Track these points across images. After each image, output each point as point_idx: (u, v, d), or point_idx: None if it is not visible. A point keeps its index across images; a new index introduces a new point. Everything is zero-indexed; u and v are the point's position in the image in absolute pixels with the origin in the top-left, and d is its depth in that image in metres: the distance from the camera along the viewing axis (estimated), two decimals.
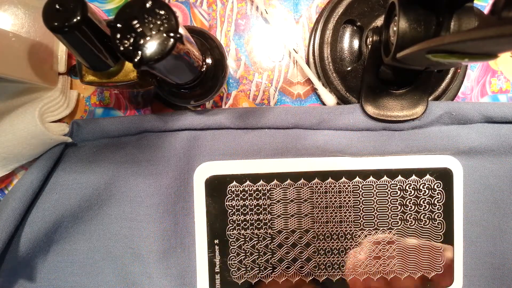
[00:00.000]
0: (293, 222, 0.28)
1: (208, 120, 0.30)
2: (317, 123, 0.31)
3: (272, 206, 0.28)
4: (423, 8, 0.22)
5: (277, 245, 0.28)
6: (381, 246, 0.29)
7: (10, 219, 0.28)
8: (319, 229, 0.28)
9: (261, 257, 0.29)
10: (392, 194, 0.29)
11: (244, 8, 0.33)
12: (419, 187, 0.29)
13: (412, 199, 0.29)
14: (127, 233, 0.32)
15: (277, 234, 0.28)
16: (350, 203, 0.29)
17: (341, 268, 0.29)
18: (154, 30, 0.19)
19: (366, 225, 0.29)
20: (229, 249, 0.29)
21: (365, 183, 0.29)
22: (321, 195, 0.29)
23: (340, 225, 0.28)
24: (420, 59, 0.22)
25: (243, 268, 0.29)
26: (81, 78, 0.27)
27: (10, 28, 0.28)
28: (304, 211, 0.28)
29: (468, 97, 0.33)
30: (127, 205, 0.32)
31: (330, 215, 0.28)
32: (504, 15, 0.16)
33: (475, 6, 0.21)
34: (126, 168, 0.32)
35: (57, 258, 0.31)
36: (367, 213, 0.29)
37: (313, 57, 0.32)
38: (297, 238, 0.28)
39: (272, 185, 0.28)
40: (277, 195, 0.28)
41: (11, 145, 0.29)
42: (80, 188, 0.31)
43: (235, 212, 0.29)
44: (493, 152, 0.31)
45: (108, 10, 0.33)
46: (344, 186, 0.29)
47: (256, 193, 0.28)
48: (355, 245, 0.29)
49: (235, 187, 0.28)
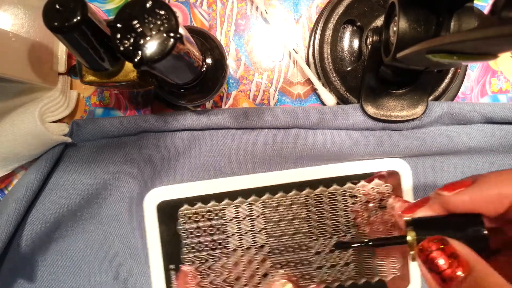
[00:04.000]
0: (248, 239, 0.28)
1: (208, 120, 0.30)
2: (317, 123, 0.31)
3: (225, 225, 0.28)
4: (423, 8, 0.22)
5: (233, 264, 0.28)
6: (337, 253, 0.29)
7: (10, 219, 0.28)
8: (274, 243, 0.28)
9: (218, 278, 0.29)
10: (343, 201, 0.29)
11: (244, 8, 0.33)
12: (368, 191, 0.29)
13: (363, 204, 0.29)
14: (125, 233, 0.32)
15: (233, 252, 0.28)
16: (302, 215, 0.29)
17: (299, 280, 0.29)
18: (154, 30, 0.19)
19: (320, 235, 0.29)
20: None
21: (315, 193, 0.29)
22: (273, 209, 0.29)
23: (294, 237, 0.28)
24: (420, 59, 0.22)
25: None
26: (81, 78, 0.27)
27: (10, 28, 0.28)
28: (257, 227, 0.28)
29: (468, 97, 0.33)
30: (126, 205, 0.32)
31: (284, 228, 0.28)
32: (504, 15, 0.16)
33: (475, 6, 0.21)
34: (125, 168, 0.32)
35: (56, 258, 0.31)
36: (320, 222, 0.29)
37: (313, 57, 0.32)
38: (253, 255, 0.28)
39: (223, 204, 0.28)
40: (229, 213, 0.28)
41: (11, 145, 0.29)
42: (79, 188, 0.31)
43: (189, 235, 0.28)
44: (492, 152, 0.31)
45: (108, 10, 0.33)
46: (295, 198, 0.29)
47: (208, 214, 0.28)
48: (311, 255, 0.29)
49: (186, 210, 0.28)
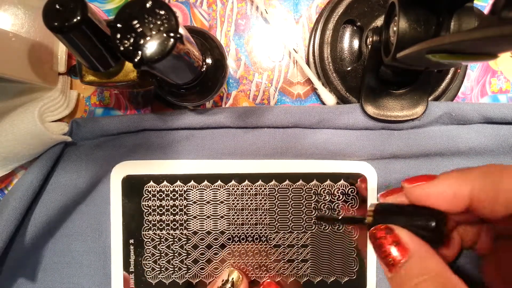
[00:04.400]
0: (209, 224, 0.28)
1: (208, 119, 0.30)
2: (317, 123, 0.31)
3: (188, 207, 0.28)
4: (423, 8, 0.22)
5: (192, 246, 0.28)
6: (295, 249, 0.29)
7: (11, 219, 0.28)
8: (235, 231, 0.28)
9: (175, 258, 0.29)
10: (307, 198, 0.29)
11: (244, 8, 0.33)
12: (333, 192, 0.29)
13: (326, 204, 0.29)
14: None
15: (193, 235, 0.28)
16: (266, 206, 0.29)
17: (255, 270, 0.29)
18: (154, 30, 0.19)
19: (281, 228, 0.29)
20: (144, 249, 0.29)
21: (281, 187, 0.29)
22: (237, 197, 0.29)
23: (255, 227, 0.29)
24: (420, 59, 0.22)
25: (157, 269, 0.29)
26: (81, 78, 0.27)
27: (10, 28, 0.28)
28: (220, 212, 0.28)
29: (468, 97, 0.33)
30: None
31: (246, 217, 0.29)
32: (504, 15, 0.16)
33: (475, 6, 0.21)
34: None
35: (54, 259, 0.31)
36: (282, 216, 0.29)
37: (313, 57, 0.32)
38: (212, 240, 0.28)
39: (189, 186, 0.28)
40: (193, 196, 0.28)
41: (11, 145, 0.29)
42: (80, 187, 0.31)
43: (151, 212, 0.28)
44: (492, 153, 0.31)
45: (108, 10, 0.33)
46: (261, 189, 0.29)
47: (173, 194, 0.28)
48: (269, 247, 0.29)
49: (152, 187, 0.28)
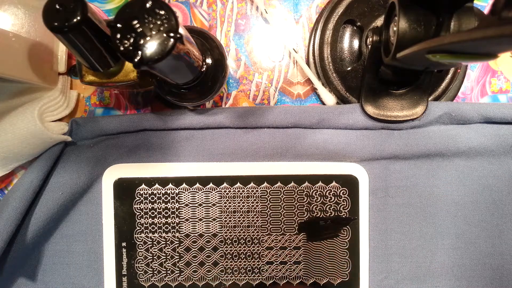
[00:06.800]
0: (201, 226, 0.28)
1: (208, 120, 0.30)
2: (317, 123, 0.31)
3: (180, 210, 0.28)
4: (423, 8, 0.22)
5: (185, 249, 0.28)
6: (287, 251, 0.29)
7: (11, 219, 0.28)
8: (227, 234, 0.28)
9: (168, 261, 0.28)
10: (299, 200, 0.29)
11: (244, 8, 0.33)
12: (325, 193, 0.29)
13: (318, 206, 0.29)
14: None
15: (185, 237, 0.28)
16: (258, 208, 0.29)
17: (247, 273, 0.29)
18: (154, 30, 0.19)
19: (273, 230, 0.29)
20: (137, 252, 0.29)
21: (272, 189, 0.29)
22: (229, 199, 0.29)
23: (247, 230, 0.28)
24: (420, 59, 0.22)
25: (150, 272, 0.29)
26: (81, 78, 0.27)
27: (10, 28, 0.28)
28: (212, 215, 0.28)
29: (468, 97, 0.33)
30: None
31: (238, 219, 0.29)
32: (504, 15, 0.16)
33: (475, 6, 0.21)
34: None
35: (53, 260, 0.31)
36: (275, 218, 0.29)
37: (313, 57, 0.32)
38: (205, 242, 0.28)
39: (181, 188, 0.28)
40: (185, 198, 0.28)
41: (11, 145, 0.29)
42: (79, 187, 0.31)
43: (143, 215, 0.28)
44: (492, 153, 0.31)
45: (108, 10, 0.33)
46: (253, 191, 0.29)
47: (165, 196, 0.28)
48: (262, 249, 0.29)
49: (143, 190, 0.28)
